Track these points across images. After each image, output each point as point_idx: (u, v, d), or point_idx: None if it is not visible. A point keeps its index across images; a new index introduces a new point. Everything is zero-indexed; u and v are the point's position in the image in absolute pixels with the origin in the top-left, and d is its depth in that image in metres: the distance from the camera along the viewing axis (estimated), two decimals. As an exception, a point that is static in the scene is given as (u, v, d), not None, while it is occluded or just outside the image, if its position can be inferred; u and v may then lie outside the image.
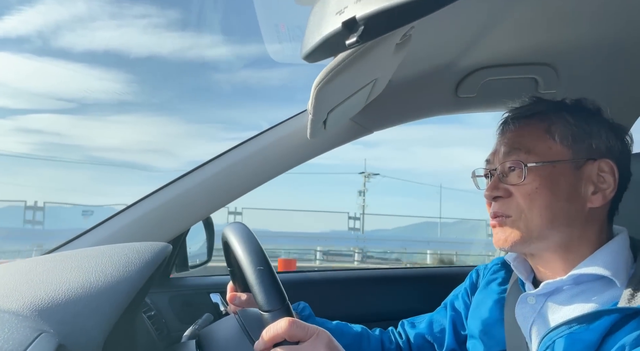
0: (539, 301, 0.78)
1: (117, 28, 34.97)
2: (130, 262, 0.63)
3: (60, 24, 22.95)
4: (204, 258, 1.44)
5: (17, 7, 23.21)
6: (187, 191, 1.16)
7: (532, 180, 0.76)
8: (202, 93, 37.36)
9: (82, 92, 25.10)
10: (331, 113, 0.90)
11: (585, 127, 0.78)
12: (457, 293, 1.03)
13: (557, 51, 1.08)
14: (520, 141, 0.80)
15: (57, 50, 21.86)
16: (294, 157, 1.18)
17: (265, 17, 1.00)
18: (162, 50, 31.33)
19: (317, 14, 0.56)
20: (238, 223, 0.79)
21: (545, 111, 0.81)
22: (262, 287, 0.66)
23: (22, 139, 18.39)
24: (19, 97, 20.00)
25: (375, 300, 1.44)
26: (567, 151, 0.77)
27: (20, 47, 21.69)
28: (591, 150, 0.77)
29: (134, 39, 32.67)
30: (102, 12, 38.68)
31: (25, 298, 0.53)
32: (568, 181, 0.76)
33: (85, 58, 24.79)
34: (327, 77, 0.69)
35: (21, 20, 21.67)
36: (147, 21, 26.77)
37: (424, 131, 15.74)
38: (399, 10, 0.43)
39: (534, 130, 0.80)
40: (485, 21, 0.94)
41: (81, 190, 15.74)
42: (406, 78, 1.12)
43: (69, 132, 19.95)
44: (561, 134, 0.77)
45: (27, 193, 15.69)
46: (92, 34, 30.83)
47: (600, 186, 0.76)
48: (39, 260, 0.65)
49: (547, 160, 0.77)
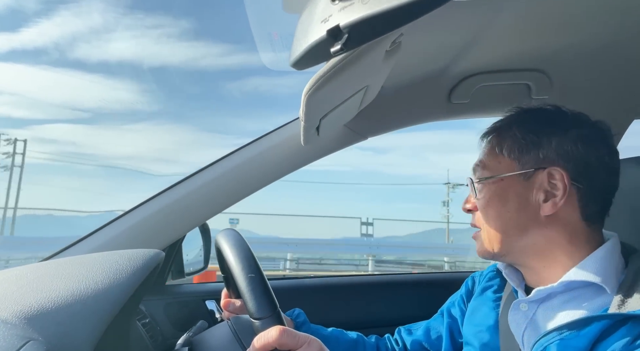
0: (531, 307, 0.78)
1: (132, 39, 35.53)
2: (121, 269, 0.63)
3: (76, 35, 23.56)
4: (201, 265, 1.44)
5: (35, 20, 23.76)
6: (183, 198, 1.16)
7: (484, 195, 0.83)
8: (213, 101, 37.74)
9: (97, 102, 25.56)
10: (323, 120, 0.90)
11: (533, 139, 0.80)
12: (453, 300, 1.03)
13: (549, 57, 1.09)
14: (480, 159, 0.86)
15: (73, 62, 22.44)
16: (289, 164, 1.18)
17: (258, 25, 1.01)
18: (174, 60, 32.03)
19: (304, 22, 0.57)
20: (230, 230, 0.79)
21: (499, 128, 0.86)
22: (253, 294, 0.66)
23: (39, 149, 18.70)
24: (36, 107, 20.46)
25: (371, 306, 1.43)
26: (514, 164, 0.81)
27: (37, 59, 22.22)
28: (538, 160, 0.79)
29: (148, 49, 33.27)
30: (117, 23, 39.17)
31: (14, 305, 0.54)
32: (516, 192, 0.80)
33: (100, 69, 25.32)
34: (316, 84, 0.69)
35: (39, 33, 22.21)
36: (160, 31, 27.47)
37: (436, 137, 15.87)
38: (382, 18, 0.43)
39: (489, 147, 0.85)
40: (476, 28, 0.95)
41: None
42: (399, 84, 1.13)
43: (84, 142, 20.32)
44: (509, 148, 0.82)
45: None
46: (107, 45, 31.42)
47: (554, 193, 0.77)
48: (30, 268, 0.65)
49: (496, 174, 0.82)
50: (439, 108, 1.21)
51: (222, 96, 34.67)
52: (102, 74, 27.40)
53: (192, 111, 36.75)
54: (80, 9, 23.62)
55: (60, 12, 21.21)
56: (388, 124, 1.23)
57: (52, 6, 22.59)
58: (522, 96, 1.17)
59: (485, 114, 1.25)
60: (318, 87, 0.70)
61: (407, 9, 0.41)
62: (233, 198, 1.19)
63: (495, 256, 0.84)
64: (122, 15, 33.27)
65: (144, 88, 27.59)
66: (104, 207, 19.17)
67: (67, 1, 24.18)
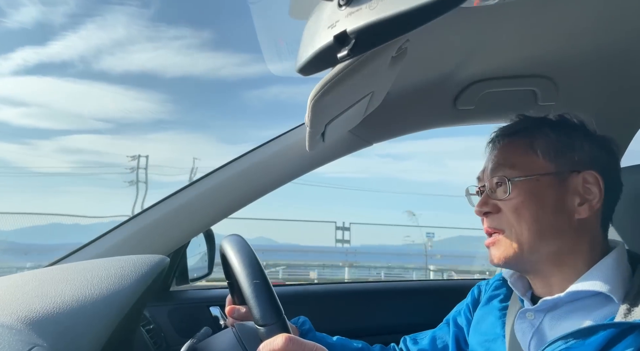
0: (538, 316, 0.78)
1: (154, 50, 36.16)
2: (126, 275, 0.63)
3: (101, 48, 24.07)
4: (205, 271, 1.44)
5: (62, 33, 24.25)
6: (188, 203, 1.16)
7: (517, 194, 0.78)
8: (234, 110, 38.05)
9: (119, 112, 25.94)
10: (329, 126, 0.90)
11: (567, 141, 0.79)
12: (459, 309, 1.02)
13: (555, 64, 1.09)
14: (505, 157, 0.82)
15: (97, 73, 22.78)
16: (294, 170, 1.18)
17: (264, 32, 1.01)
18: (195, 70, 32.43)
19: (311, 27, 0.57)
20: (235, 235, 0.78)
21: (528, 128, 0.83)
22: (258, 301, 0.65)
23: (64, 158, 18.99)
24: (62, 118, 20.82)
25: (377, 313, 1.42)
26: (550, 165, 0.79)
27: (63, 71, 22.65)
28: (574, 162, 0.78)
29: (169, 60, 33.84)
30: (139, 35, 39.89)
31: (19, 311, 0.53)
32: (553, 194, 0.77)
33: (123, 80, 25.72)
34: (322, 90, 0.69)
35: (65, 46, 22.66)
36: (181, 43, 27.91)
37: (456, 143, 15.86)
38: (389, 24, 0.43)
39: (518, 146, 0.82)
40: (482, 33, 0.94)
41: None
42: (405, 90, 1.13)
43: (107, 151, 20.61)
44: (543, 149, 0.79)
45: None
46: (130, 56, 32.01)
47: (587, 197, 0.77)
48: (35, 273, 0.65)
49: (531, 174, 0.78)
50: (444, 114, 1.21)
51: (242, 104, 35.01)
52: (124, 85, 27.92)
53: (212, 120, 37.16)
54: (105, 22, 24.37)
55: (86, 26, 21.89)
56: (393, 130, 1.23)
57: (78, 20, 23.33)
58: (528, 102, 1.17)
59: (491, 120, 1.25)
60: (324, 93, 0.70)
61: (414, 14, 0.41)
62: (238, 203, 1.19)
63: (517, 262, 0.79)
64: (145, 28, 34.06)
65: (165, 98, 28.15)
66: (111, 212, 19.37)
67: (93, 15, 24.92)
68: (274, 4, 0.89)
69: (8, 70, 22.10)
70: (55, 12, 30.58)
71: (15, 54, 22.37)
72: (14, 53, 22.75)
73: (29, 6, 25.34)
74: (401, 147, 33.61)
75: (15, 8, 26.49)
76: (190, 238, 1.23)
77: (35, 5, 27.00)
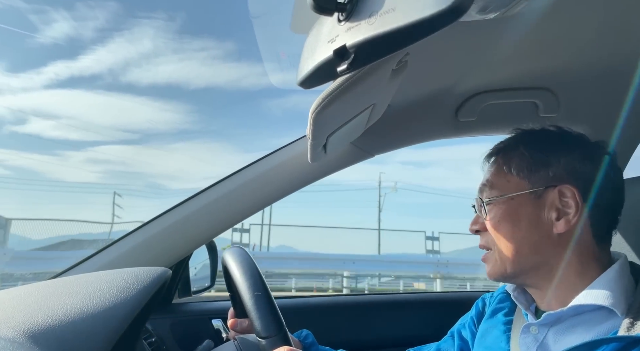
0: (542, 331, 0.78)
1: (179, 61, 36.46)
2: (128, 287, 0.63)
3: (128, 60, 24.32)
4: (207, 283, 1.44)
5: (91, 47, 24.66)
6: (190, 215, 1.16)
7: (494, 214, 0.82)
8: (255, 119, 38.32)
9: (145, 123, 26.20)
10: (330, 138, 0.91)
11: (541, 157, 0.80)
12: (463, 322, 1.02)
13: (556, 76, 1.09)
14: (486, 178, 0.86)
15: (124, 85, 23.05)
16: (295, 182, 1.18)
17: (266, 45, 1.02)
18: (219, 80, 32.56)
19: (311, 42, 0.58)
20: (238, 248, 0.79)
21: (505, 148, 0.86)
22: (259, 313, 0.66)
23: (92, 169, 19.14)
24: (90, 130, 21.03)
25: (381, 325, 1.42)
26: (524, 183, 0.81)
27: (92, 84, 22.95)
28: (549, 178, 0.79)
29: (194, 71, 33.99)
30: (165, 47, 40.29)
31: (22, 324, 0.54)
32: (528, 211, 0.79)
33: (149, 91, 25.97)
34: (323, 102, 0.70)
35: (95, 59, 23.02)
36: (205, 54, 28.11)
37: (480, 150, 16.15)
38: (387, 39, 0.44)
39: (496, 167, 0.85)
40: (483, 46, 0.95)
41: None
42: (406, 102, 1.13)
43: (133, 161, 20.77)
44: (517, 167, 0.82)
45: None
46: (156, 68, 32.35)
47: (566, 211, 0.77)
48: (38, 286, 0.65)
49: (506, 193, 0.81)
50: (445, 126, 1.21)
51: (264, 113, 35.29)
52: (150, 96, 28.19)
53: (235, 129, 37.35)
54: (133, 36, 24.70)
55: (114, 39, 22.27)
56: (395, 141, 1.23)
57: (107, 34, 23.71)
58: (530, 114, 1.17)
59: (492, 132, 1.25)
60: (325, 106, 0.70)
61: (412, 30, 0.42)
62: (240, 215, 1.20)
63: (507, 278, 0.83)
64: (171, 40, 34.39)
65: (189, 108, 28.46)
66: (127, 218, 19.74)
67: (121, 29, 25.35)
68: (276, 18, 0.91)
69: (40, 84, 22.71)
70: (86, 26, 31.45)
71: (47, 68, 22.98)
72: (46, 67, 23.36)
73: (60, 22, 25.98)
74: (424, 154, 33.39)
75: (48, 24, 27.13)
76: (193, 250, 1.23)
77: (67, 21, 27.72)
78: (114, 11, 14.49)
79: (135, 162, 13.50)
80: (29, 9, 12.58)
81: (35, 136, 11.51)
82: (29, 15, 13.83)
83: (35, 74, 11.78)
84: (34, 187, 19.87)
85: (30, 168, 13.06)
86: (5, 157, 14.75)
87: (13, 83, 12.26)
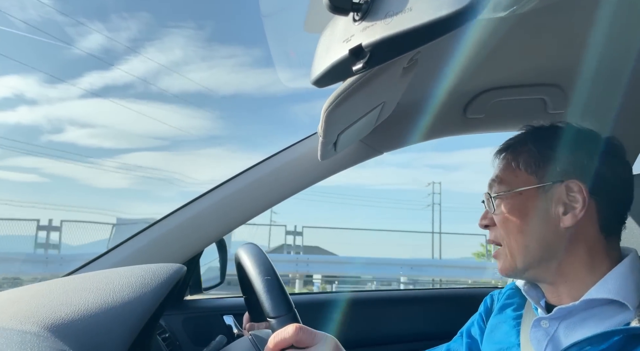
0: (552, 325, 0.78)
1: (208, 69, 36.60)
2: (146, 283, 0.65)
3: (159, 69, 24.48)
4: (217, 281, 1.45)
5: (124, 57, 24.88)
6: (201, 213, 1.18)
7: (503, 208, 0.82)
8: (282, 125, 38.44)
9: (175, 130, 26.39)
10: (341, 135, 0.92)
11: (548, 153, 0.81)
12: (472, 320, 1.03)
13: (564, 72, 1.09)
14: (496, 174, 0.87)
15: (155, 93, 23.19)
16: (305, 179, 1.19)
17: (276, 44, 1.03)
18: (246, 87, 32.61)
19: (325, 41, 0.58)
20: (249, 244, 0.80)
21: (514, 144, 0.87)
22: (269, 294, 0.68)
23: (124, 175, 19.29)
24: (123, 138, 21.21)
25: (390, 322, 1.42)
26: (532, 178, 0.81)
27: (125, 93, 23.12)
28: (556, 173, 0.80)
29: (222, 77, 34.06)
30: (195, 55, 40.38)
31: (45, 319, 0.55)
32: (535, 205, 0.80)
33: (178, 99, 26.09)
34: (336, 101, 0.71)
35: (127, 69, 23.24)
36: (234, 61, 28.26)
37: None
38: (403, 38, 0.45)
39: (505, 162, 0.86)
40: (492, 43, 0.96)
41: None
42: (415, 100, 1.14)
43: (163, 167, 20.92)
44: (525, 163, 0.83)
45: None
46: (186, 76, 32.58)
47: (573, 206, 0.78)
48: (58, 282, 0.67)
49: (514, 188, 0.82)
50: (454, 123, 1.22)
51: (290, 119, 35.22)
52: (180, 104, 28.29)
53: (262, 138, 37.49)
54: (164, 45, 24.84)
55: (146, 49, 22.39)
56: (404, 139, 1.24)
57: (139, 44, 23.85)
58: (538, 110, 1.17)
59: (501, 128, 1.26)
60: (337, 104, 0.71)
61: (428, 29, 0.43)
62: (250, 212, 1.21)
63: (518, 272, 0.83)
64: (200, 48, 34.47)
65: (218, 115, 28.54)
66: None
67: (152, 39, 25.51)
68: (286, 17, 0.91)
69: (76, 94, 22.85)
70: (119, 37, 31.85)
71: (83, 78, 23.20)
72: (82, 78, 23.63)
73: (95, 34, 26.35)
74: (451, 157, 33.09)
75: (84, 36, 27.51)
76: (205, 247, 1.25)
77: (102, 32, 28.16)
78: (146, 22, 14.71)
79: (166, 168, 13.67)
80: (66, 22, 12.82)
81: (70, 144, 11.70)
82: (66, 28, 14.00)
83: (71, 85, 12.05)
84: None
85: (65, 175, 13.30)
86: (42, 165, 15.01)
87: (51, 93, 12.53)
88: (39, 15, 12.26)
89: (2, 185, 10.69)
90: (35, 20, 13.05)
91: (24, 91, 11.96)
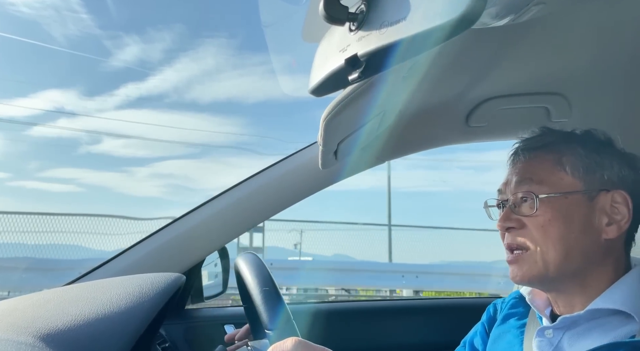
0: (557, 334, 0.77)
1: (239, 77, 35.98)
2: (144, 293, 0.64)
3: (192, 78, 24.59)
4: (219, 289, 1.44)
5: (159, 68, 25.18)
6: (203, 221, 1.18)
7: (544, 211, 0.75)
8: (307, 130, 37.38)
9: (206, 137, 26.26)
10: (341, 144, 0.91)
11: (596, 159, 0.77)
12: (475, 330, 1.01)
13: (567, 81, 1.09)
14: (532, 172, 0.79)
15: (188, 102, 23.14)
16: (307, 188, 1.19)
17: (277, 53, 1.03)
18: (275, 93, 32.05)
19: (323, 50, 0.59)
20: (249, 253, 0.81)
21: (555, 142, 0.81)
22: (267, 306, 0.68)
23: (155, 183, 19.20)
24: (155, 146, 21.20)
25: (391, 332, 1.41)
26: (578, 183, 0.77)
27: (158, 102, 23.21)
28: (603, 181, 0.77)
29: (252, 84, 33.37)
30: (227, 64, 39.46)
31: (42, 329, 0.55)
32: (581, 213, 0.75)
33: (210, 107, 25.93)
34: (334, 110, 0.71)
35: (161, 79, 23.33)
36: (264, 68, 27.93)
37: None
38: (398, 48, 0.45)
39: (545, 161, 0.79)
40: (493, 52, 0.95)
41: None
42: (416, 109, 1.14)
43: (193, 175, 20.69)
44: (572, 166, 0.77)
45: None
46: (218, 84, 32.27)
47: (615, 217, 0.75)
48: (56, 292, 0.67)
49: (559, 191, 0.76)
50: (456, 132, 1.21)
51: (316, 124, 34.60)
52: (211, 112, 28.19)
53: (289, 143, 36.32)
54: (197, 55, 24.91)
55: (180, 59, 22.57)
56: (405, 147, 1.23)
57: (173, 54, 23.95)
58: (541, 119, 1.17)
59: (503, 137, 1.25)
60: (336, 113, 0.71)
61: (423, 39, 0.43)
62: (252, 221, 1.21)
63: (544, 282, 0.78)
64: (232, 56, 33.98)
65: (247, 122, 28.32)
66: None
67: (186, 49, 25.60)
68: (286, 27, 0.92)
69: (112, 105, 22.83)
70: (154, 48, 31.55)
71: (119, 90, 23.26)
72: (118, 90, 23.64)
73: (132, 45, 26.36)
74: (484, 157, 31.65)
75: (120, 48, 27.55)
76: (206, 256, 1.25)
77: (138, 44, 28.15)
78: (180, 32, 14.83)
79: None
80: (104, 35, 12.99)
81: (106, 155, 11.74)
82: (104, 40, 14.15)
83: (108, 96, 12.17)
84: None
85: (101, 185, 13.35)
86: (79, 175, 15.14)
87: (89, 106, 12.66)
88: (79, 29, 12.44)
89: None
90: (75, 34, 13.25)
91: (64, 103, 12.09)
